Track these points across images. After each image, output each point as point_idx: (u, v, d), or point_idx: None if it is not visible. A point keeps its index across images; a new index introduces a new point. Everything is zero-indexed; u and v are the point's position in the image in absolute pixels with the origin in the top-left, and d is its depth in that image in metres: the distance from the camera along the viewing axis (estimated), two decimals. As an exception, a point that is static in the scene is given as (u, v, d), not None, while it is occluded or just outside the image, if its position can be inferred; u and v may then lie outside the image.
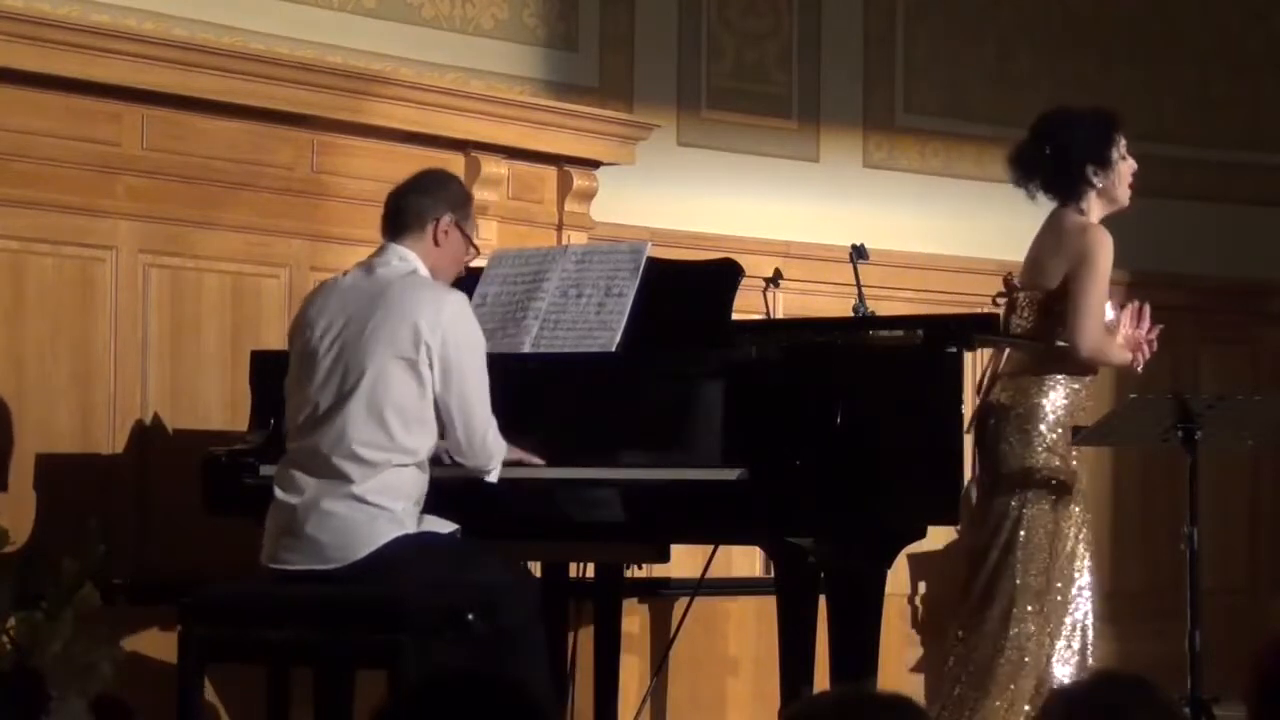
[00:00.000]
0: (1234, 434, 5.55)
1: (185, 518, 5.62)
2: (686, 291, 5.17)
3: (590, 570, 5.70)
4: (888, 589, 4.97)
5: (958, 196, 8.84)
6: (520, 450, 4.91)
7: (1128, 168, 5.67)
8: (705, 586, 5.96)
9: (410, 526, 4.72)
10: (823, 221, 8.20)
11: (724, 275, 5.14)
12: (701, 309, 5.11)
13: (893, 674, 6.26)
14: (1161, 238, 8.67)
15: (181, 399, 6.11)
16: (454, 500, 4.84)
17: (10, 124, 5.82)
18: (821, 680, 4.89)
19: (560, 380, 5.07)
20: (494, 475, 4.83)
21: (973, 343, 5.23)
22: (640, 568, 6.19)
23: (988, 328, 5.16)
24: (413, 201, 4.92)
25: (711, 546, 5.72)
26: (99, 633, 5.22)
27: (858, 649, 4.84)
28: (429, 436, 4.77)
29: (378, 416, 4.71)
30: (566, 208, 7.05)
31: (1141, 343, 5.63)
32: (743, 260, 5.26)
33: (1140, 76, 9.23)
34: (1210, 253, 9.24)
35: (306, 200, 6.42)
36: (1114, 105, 6.03)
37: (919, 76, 8.86)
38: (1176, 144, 9.10)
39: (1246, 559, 9.29)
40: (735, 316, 5.16)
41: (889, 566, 4.96)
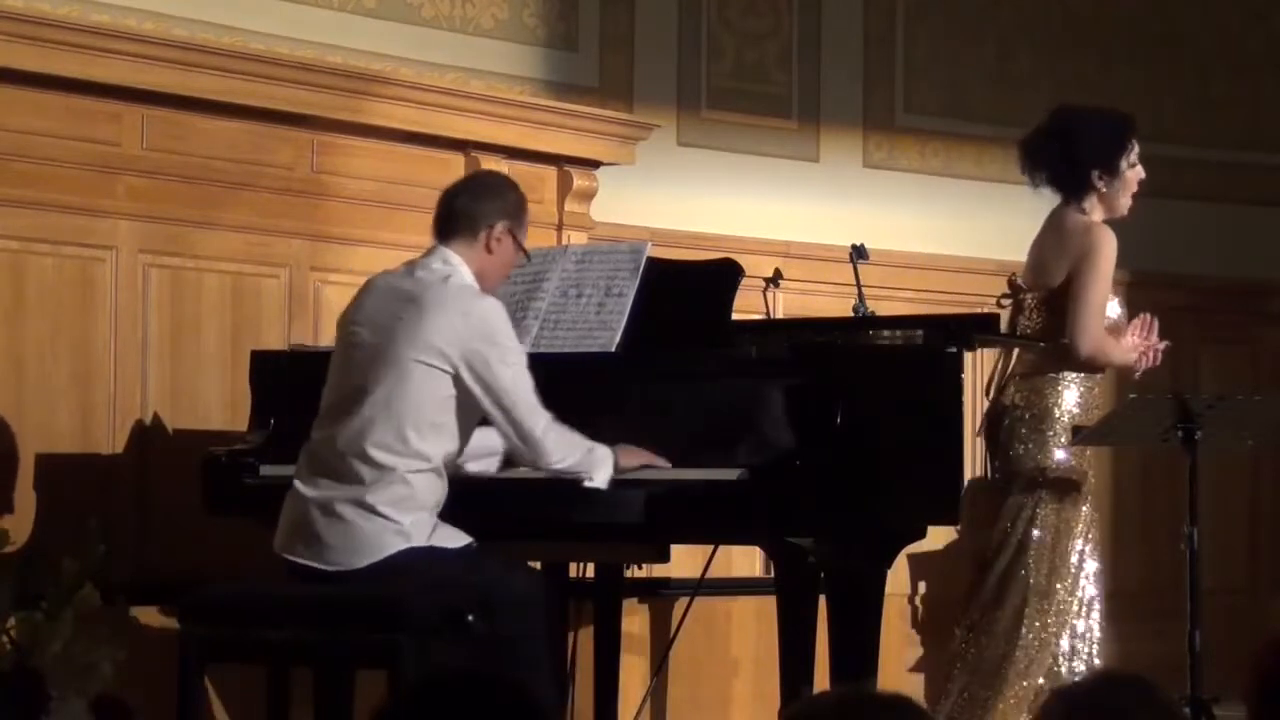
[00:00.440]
0: (1234, 434, 5.56)
1: (185, 518, 5.61)
2: (686, 291, 5.17)
3: (590, 570, 5.70)
4: (888, 589, 4.97)
5: (958, 196, 8.84)
6: (643, 453, 4.83)
7: (1135, 176, 5.66)
8: (705, 586, 5.96)
9: (419, 539, 4.69)
10: (823, 221, 8.20)
11: (724, 275, 5.14)
12: (701, 309, 5.11)
13: (893, 674, 6.26)
14: (1161, 238, 8.66)
15: (181, 399, 6.11)
16: (454, 500, 4.84)
17: (10, 124, 5.82)
18: (821, 680, 4.89)
19: (560, 380, 5.06)
20: (600, 481, 4.74)
21: (973, 343, 5.23)
22: (640, 568, 6.19)
23: (988, 328, 5.16)
24: (468, 205, 4.88)
25: (711, 546, 5.72)
26: (99, 633, 5.21)
27: (858, 649, 4.84)
28: (446, 443, 4.75)
29: (395, 420, 4.69)
30: (566, 208, 7.05)
31: (1148, 350, 5.63)
32: (743, 260, 5.26)
33: (1140, 76, 9.22)
34: (1210, 253, 9.24)
35: (306, 200, 6.42)
36: (1112, 104, 6.03)
37: (919, 76, 8.86)
38: (1176, 144, 9.09)
39: (1246, 559, 9.29)
40: (735, 316, 5.16)
41: (889, 566, 4.96)
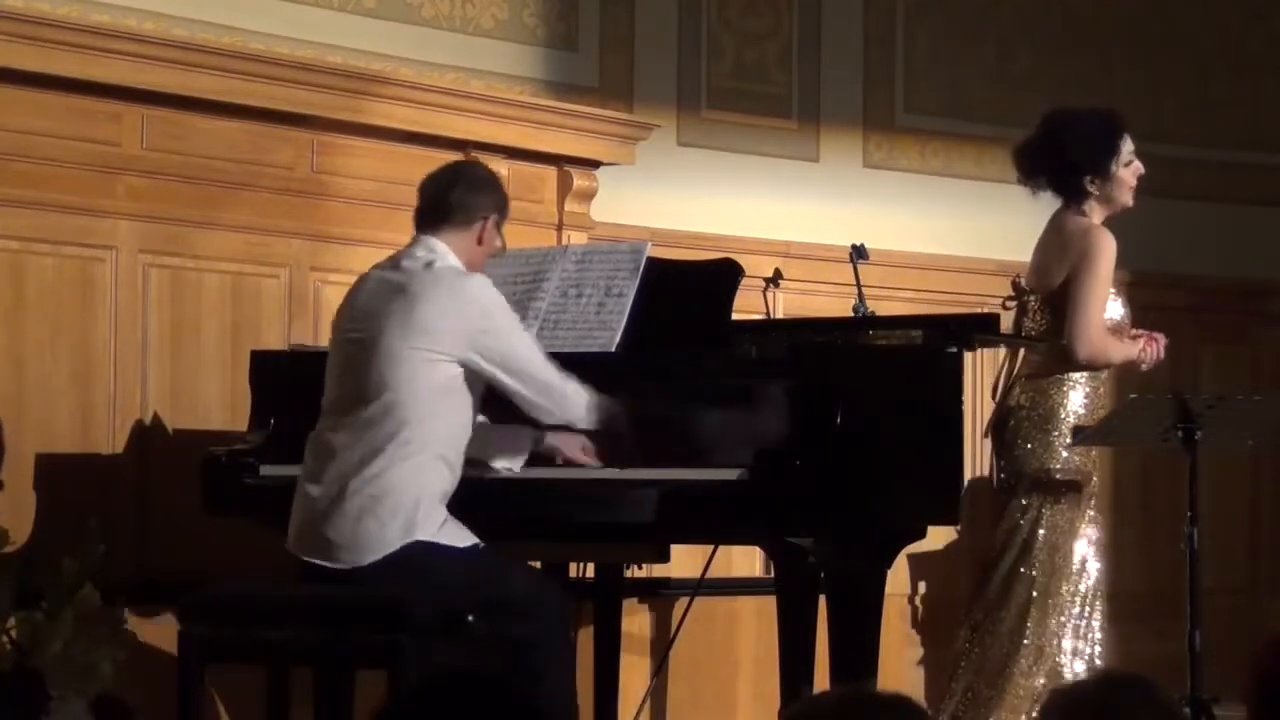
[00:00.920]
0: (1234, 434, 5.55)
1: (185, 518, 5.61)
2: (686, 291, 5.17)
3: (590, 570, 5.70)
4: (888, 589, 4.97)
5: (958, 196, 8.84)
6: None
7: (1130, 173, 5.65)
8: (705, 586, 5.96)
9: (426, 532, 4.68)
10: (823, 221, 8.20)
11: (724, 275, 5.14)
12: (701, 309, 5.11)
13: (893, 674, 6.26)
14: (1161, 238, 8.66)
15: (181, 399, 6.11)
16: (455, 500, 4.83)
17: (10, 124, 5.82)
18: (821, 680, 4.90)
19: (560, 380, 5.06)
20: (585, 423, 4.84)
21: (973, 343, 5.23)
22: (640, 568, 6.19)
23: (988, 328, 5.16)
24: (464, 198, 4.92)
25: (711, 546, 5.72)
26: (99, 633, 5.22)
27: (858, 649, 4.84)
28: (450, 430, 4.75)
29: (396, 411, 4.70)
30: (566, 208, 7.05)
31: (1150, 342, 5.63)
32: (743, 260, 5.26)
33: (1140, 76, 9.22)
34: (1210, 253, 9.24)
35: (306, 200, 6.42)
36: (1112, 104, 6.02)
37: (919, 76, 8.86)
38: (1176, 144, 9.09)
39: (1246, 559, 9.29)
40: (735, 316, 5.16)
41: (889, 566, 4.96)
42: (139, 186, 6.08)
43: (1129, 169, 5.65)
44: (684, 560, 6.08)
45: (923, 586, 8.36)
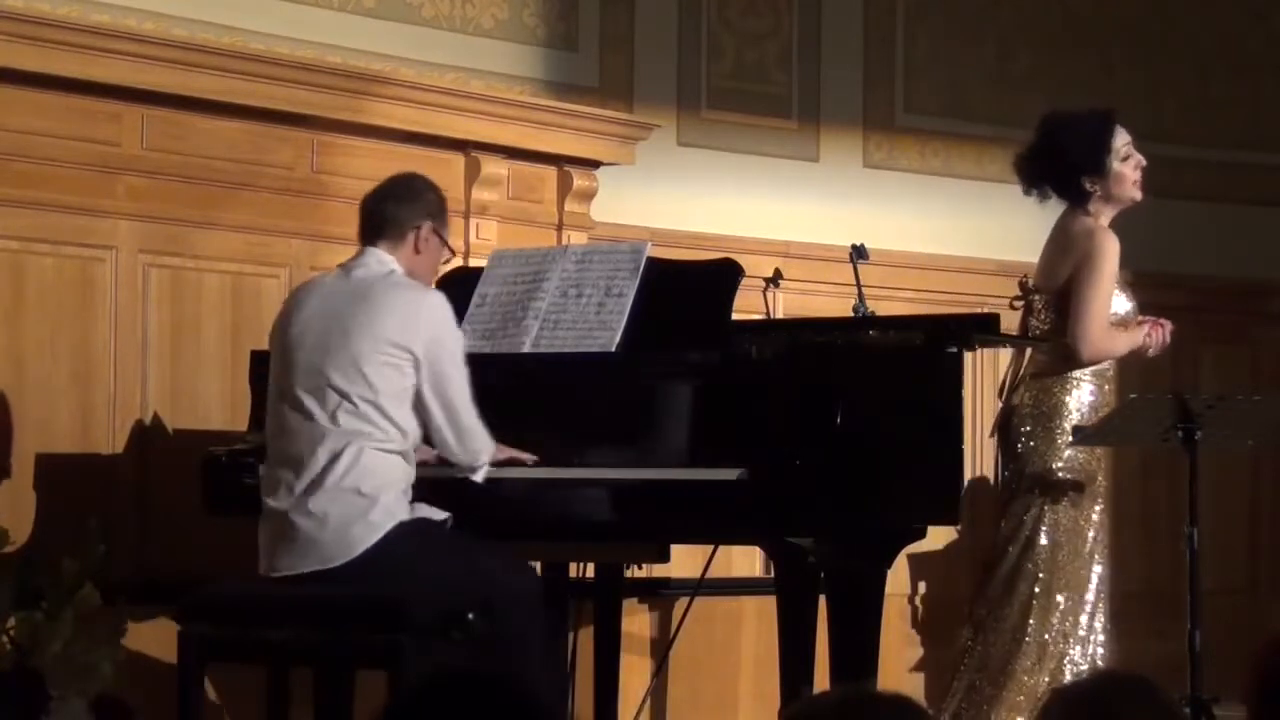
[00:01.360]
0: (1234, 434, 5.55)
1: (185, 518, 5.62)
2: (686, 291, 5.17)
3: (590, 570, 5.70)
4: (888, 589, 4.97)
5: (958, 196, 8.84)
6: (510, 449, 4.92)
7: (1130, 168, 5.64)
8: (705, 586, 5.96)
9: (403, 514, 4.73)
10: (823, 221, 8.20)
11: (724, 275, 5.14)
12: (701, 309, 5.11)
13: (893, 674, 6.26)
14: (1161, 238, 8.66)
15: (181, 399, 6.11)
16: (454, 500, 4.84)
17: (10, 124, 5.82)
18: (821, 680, 4.89)
19: (560, 380, 5.07)
20: (480, 475, 4.85)
21: (973, 343, 5.23)
22: (640, 568, 6.19)
23: (988, 328, 5.16)
24: (391, 210, 4.98)
25: (711, 546, 5.72)
26: (99, 633, 5.22)
27: (858, 649, 4.84)
28: (411, 427, 4.79)
29: (359, 409, 4.74)
30: (566, 208, 7.05)
31: (1154, 328, 5.62)
32: (743, 260, 5.26)
33: (1140, 76, 9.22)
34: (1210, 253, 9.24)
35: (306, 200, 6.42)
36: (1112, 104, 6.02)
37: (919, 76, 8.86)
38: (1176, 144, 9.09)
39: (1246, 559, 9.29)
40: (735, 316, 5.16)
41: (889, 566, 4.96)
42: (139, 186, 6.08)
43: (1127, 163, 5.64)
44: (684, 560, 6.08)
45: (923, 586, 8.36)
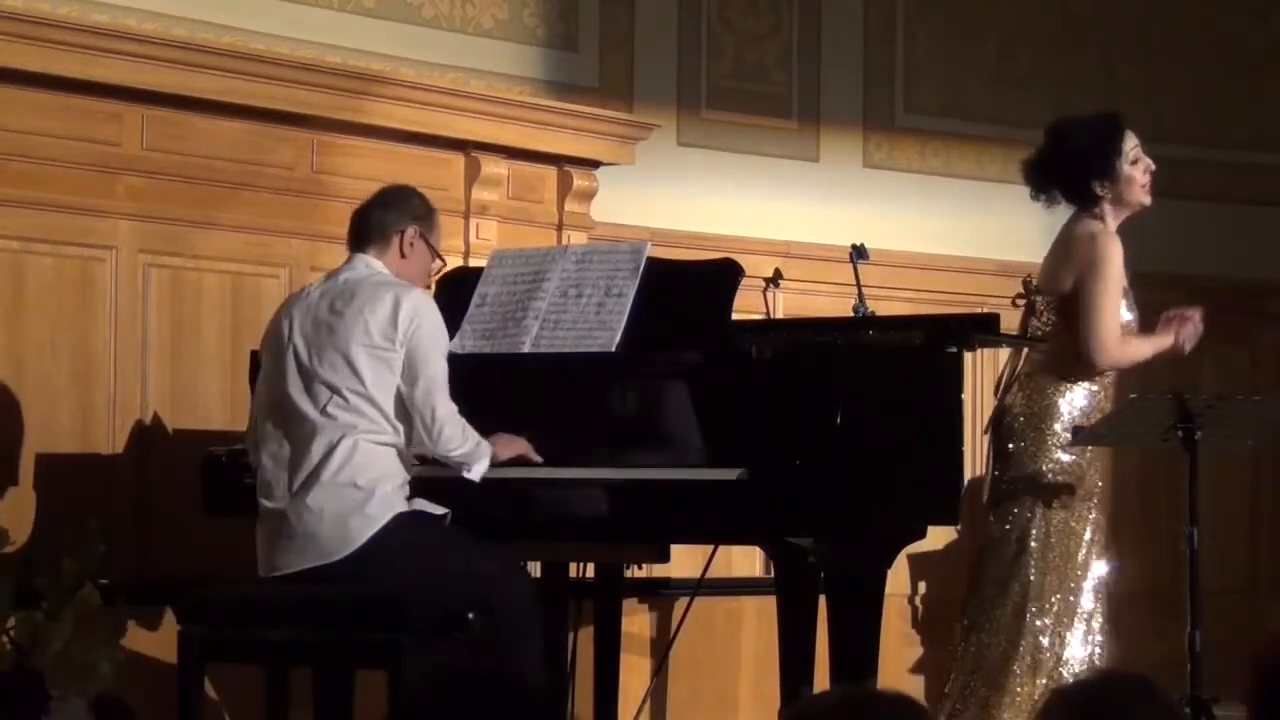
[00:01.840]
0: (1234, 434, 5.54)
1: (185, 518, 5.62)
2: (686, 291, 5.17)
3: (590, 570, 5.70)
4: (888, 589, 4.97)
5: (958, 196, 8.84)
6: (518, 444, 4.91)
7: (1139, 171, 5.61)
8: (705, 586, 5.96)
9: (401, 505, 4.76)
10: (823, 221, 8.20)
11: (724, 275, 5.14)
12: (701, 309, 5.11)
13: (893, 674, 6.26)
14: (1161, 238, 8.66)
15: (181, 399, 6.11)
16: (455, 499, 4.84)
17: (10, 124, 5.82)
18: (821, 680, 4.89)
19: (560, 380, 5.07)
20: (476, 473, 4.83)
21: (973, 343, 5.23)
22: (640, 568, 6.19)
23: (988, 328, 5.16)
24: (376, 215, 5.04)
25: (711, 546, 5.71)
26: (99, 633, 5.22)
27: (858, 649, 4.84)
28: (404, 421, 4.82)
29: (350, 402, 4.77)
30: (566, 208, 7.05)
31: (1181, 323, 5.61)
32: (743, 260, 5.26)
33: (1140, 76, 9.22)
34: (1210, 253, 9.24)
35: (306, 200, 6.42)
36: (1114, 105, 6.01)
37: (919, 76, 8.86)
38: (1176, 144, 9.08)
39: (1246, 559, 9.29)
40: (735, 316, 5.16)
41: (889, 566, 4.96)
42: (139, 186, 6.07)
43: (1136, 166, 5.62)
44: (684, 560, 6.08)
45: (923, 586, 8.36)
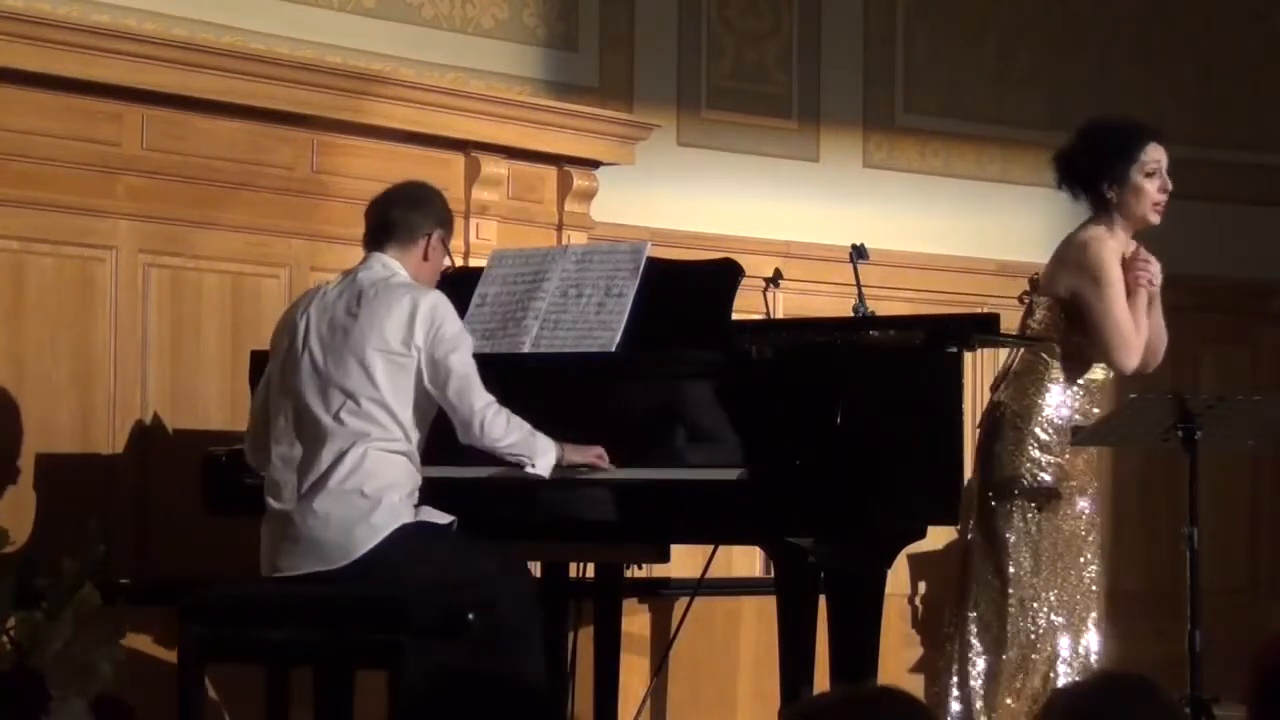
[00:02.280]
0: (1234, 434, 5.54)
1: (185, 518, 5.62)
2: (686, 291, 5.17)
3: (590, 570, 5.70)
4: (888, 589, 4.97)
5: (958, 196, 8.84)
6: (588, 451, 4.84)
7: (1152, 186, 5.55)
8: (705, 586, 5.96)
9: (406, 516, 4.74)
10: (823, 221, 8.20)
11: (724, 275, 5.14)
12: (701, 309, 5.11)
13: (893, 674, 6.26)
14: (1161, 238, 8.65)
15: (181, 399, 6.11)
16: (455, 500, 4.84)
17: (10, 124, 5.82)
18: (821, 680, 4.89)
19: (560, 380, 5.07)
20: (542, 470, 4.78)
21: (973, 343, 5.22)
22: (640, 568, 6.19)
23: (988, 328, 5.15)
24: (404, 216, 5.01)
25: (711, 546, 5.71)
26: (99, 633, 5.22)
27: (858, 649, 4.84)
28: (415, 428, 4.80)
29: (364, 408, 4.76)
30: (566, 208, 7.05)
31: (1140, 275, 5.56)
32: (743, 260, 5.26)
33: (1140, 76, 9.22)
34: (1211, 253, 9.23)
35: (306, 200, 6.42)
36: (1115, 106, 6.01)
37: (919, 76, 8.86)
38: (1176, 144, 9.01)
39: (1246, 559, 9.29)
40: (735, 316, 5.16)
41: (889, 566, 4.96)
42: (139, 186, 6.08)
43: (1150, 180, 5.54)
44: (684, 560, 6.08)
45: (923, 586, 8.36)
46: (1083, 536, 5.55)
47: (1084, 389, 5.55)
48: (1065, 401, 5.52)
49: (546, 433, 4.83)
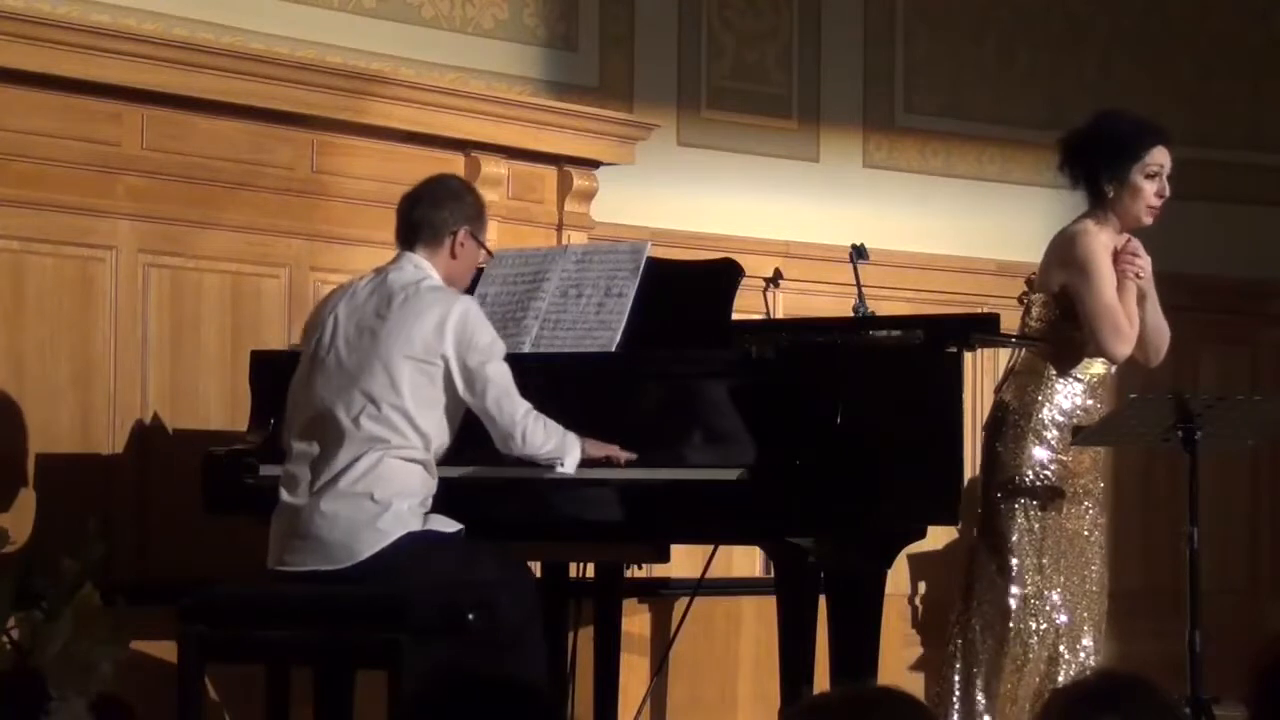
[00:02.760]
0: (1234, 434, 5.55)
1: (185, 518, 5.62)
2: (686, 291, 5.17)
3: (590, 570, 5.70)
4: (888, 589, 4.97)
5: (957, 196, 8.84)
6: (606, 446, 4.85)
7: (1150, 188, 5.56)
8: (705, 586, 5.96)
9: (414, 525, 4.73)
10: (823, 221, 8.20)
11: (724, 275, 5.14)
12: (701, 309, 5.11)
13: (893, 674, 6.26)
14: (1161, 238, 8.66)
15: (181, 399, 6.11)
16: (455, 500, 4.84)
17: (10, 124, 5.82)
18: (822, 680, 4.89)
19: (560, 380, 5.06)
20: (569, 468, 4.78)
21: (973, 343, 5.23)
22: (640, 568, 6.19)
23: (988, 328, 5.16)
24: (429, 214, 4.97)
25: (711, 546, 5.71)
26: (99, 633, 5.21)
27: (858, 649, 4.84)
28: (436, 436, 4.79)
29: (384, 414, 4.74)
30: (566, 208, 7.05)
31: (1125, 268, 5.57)
32: (743, 260, 5.27)
33: (1140, 76, 9.22)
34: (1210, 253, 9.23)
35: (306, 200, 6.42)
36: (1114, 106, 6.01)
37: (919, 76, 8.86)
38: (1176, 144, 9.06)
39: (1246, 559, 9.29)
40: (735, 316, 5.16)
41: (889, 566, 4.96)
42: (139, 186, 6.07)
43: (1150, 181, 5.55)
44: (684, 560, 6.08)
45: (923, 586, 8.36)
46: (1085, 536, 5.55)
47: (1085, 385, 5.56)
48: (1067, 399, 5.52)
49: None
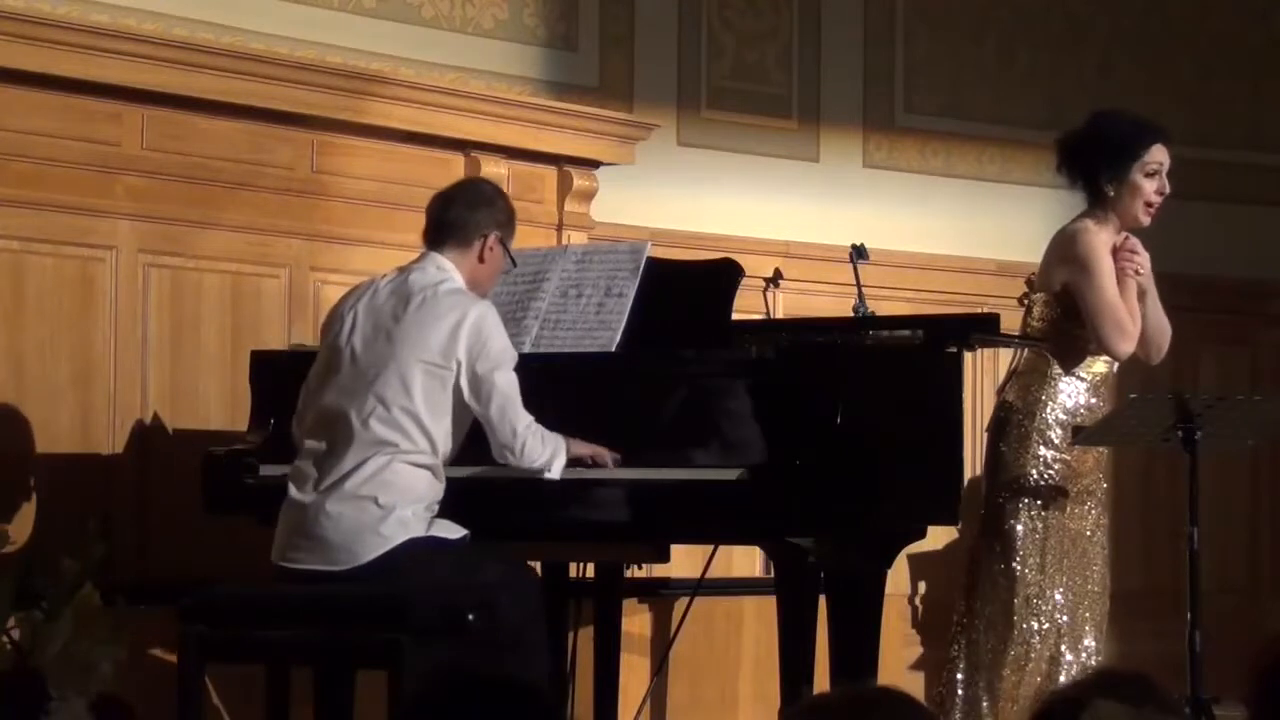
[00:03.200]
0: (1234, 434, 5.55)
1: (185, 518, 5.62)
2: (686, 291, 5.17)
3: (590, 570, 5.70)
4: (888, 589, 4.97)
5: (957, 196, 8.84)
6: (591, 445, 4.86)
7: (1150, 187, 5.56)
8: (705, 586, 5.96)
9: (418, 530, 4.73)
10: (823, 221, 8.20)
11: (724, 275, 5.14)
12: (701, 309, 5.11)
13: (893, 674, 6.26)
14: (1161, 238, 8.66)
15: (181, 399, 6.11)
16: (456, 500, 4.84)
17: (10, 124, 5.82)
18: (821, 680, 4.89)
19: (560, 380, 5.07)
20: (554, 473, 4.78)
21: (972, 343, 5.23)
22: (640, 568, 6.19)
23: (988, 328, 5.16)
24: (462, 215, 4.96)
25: (711, 546, 5.71)
26: (99, 633, 5.21)
27: (858, 649, 4.84)
28: (444, 441, 4.78)
29: (394, 417, 4.73)
30: (566, 208, 7.05)
31: (1125, 267, 5.57)
32: (743, 260, 5.27)
33: (1140, 76, 9.22)
34: (1210, 253, 9.23)
35: (306, 200, 6.42)
36: (1114, 106, 6.01)
37: (919, 76, 8.86)
38: (1176, 144, 9.05)
39: (1246, 559, 9.29)
40: (735, 316, 5.16)
41: (889, 566, 4.96)
42: (139, 186, 6.07)
43: (1149, 180, 5.55)
44: (684, 560, 6.08)
45: (923, 586, 8.36)
46: (1088, 536, 5.55)
47: (1088, 384, 5.56)
48: (1071, 397, 5.53)
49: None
